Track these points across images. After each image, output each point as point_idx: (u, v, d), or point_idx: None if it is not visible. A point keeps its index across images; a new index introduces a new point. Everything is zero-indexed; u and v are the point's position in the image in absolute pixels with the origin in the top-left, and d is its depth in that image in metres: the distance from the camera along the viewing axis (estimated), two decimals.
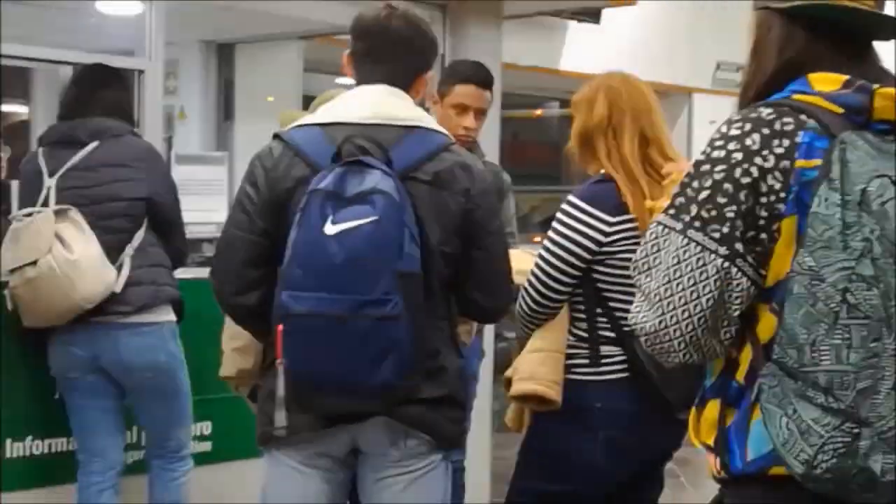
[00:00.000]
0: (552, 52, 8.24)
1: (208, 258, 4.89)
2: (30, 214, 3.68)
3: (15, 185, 4.00)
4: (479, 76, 3.93)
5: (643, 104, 2.96)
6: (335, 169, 2.41)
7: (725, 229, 1.76)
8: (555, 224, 2.91)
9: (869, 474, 1.59)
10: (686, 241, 1.78)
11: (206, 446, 4.35)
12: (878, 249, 1.60)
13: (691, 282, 1.77)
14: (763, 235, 1.77)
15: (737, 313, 1.79)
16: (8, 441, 3.89)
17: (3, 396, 3.87)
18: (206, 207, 4.46)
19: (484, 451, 5.19)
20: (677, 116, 9.79)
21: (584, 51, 8.53)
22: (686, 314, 1.78)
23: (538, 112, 10.19)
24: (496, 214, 2.70)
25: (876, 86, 1.76)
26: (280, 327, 2.40)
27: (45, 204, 3.69)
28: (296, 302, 2.37)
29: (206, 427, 4.35)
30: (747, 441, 1.77)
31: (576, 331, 2.92)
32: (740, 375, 1.81)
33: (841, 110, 1.76)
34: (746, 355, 1.81)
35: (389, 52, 2.62)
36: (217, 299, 2.69)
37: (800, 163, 1.75)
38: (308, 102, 5.69)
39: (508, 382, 2.97)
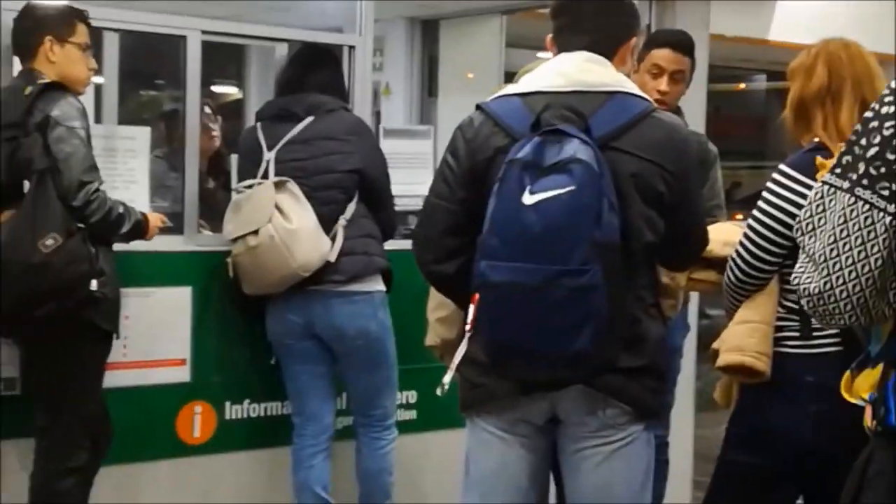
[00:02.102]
0: (760, 24, 8.02)
1: (411, 231, 5.00)
2: (250, 186, 3.84)
3: (234, 158, 4.17)
4: (676, 39, 3.86)
5: (865, 71, 2.84)
6: (534, 138, 2.40)
7: (895, 186, 1.69)
8: (764, 193, 2.84)
9: None
10: (853, 199, 1.72)
11: (412, 415, 4.46)
12: None
13: (859, 241, 1.71)
14: None
15: None
16: (227, 404, 4.09)
17: (223, 361, 4.07)
18: (412, 181, 4.53)
19: (687, 429, 5.13)
20: None
21: (794, 21, 8.27)
22: (854, 275, 1.72)
23: (741, 85, 9.94)
24: (696, 182, 2.65)
25: None
26: (477, 295, 2.42)
27: (265, 176, 3.84)
28: (493, 271, 2.38)
29: (411, 396, 4.45)
30: None
31: (786, 302, 2.85)
32: (883, 336, 1.73)
33: None
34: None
35: (589, 22, 2.60)
36: (418, 266, 2.72)
37: None
38: (509, 78, 5.73)
39: (715, 354, 2.93)
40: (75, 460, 3.49)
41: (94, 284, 3.36)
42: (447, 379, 2.54)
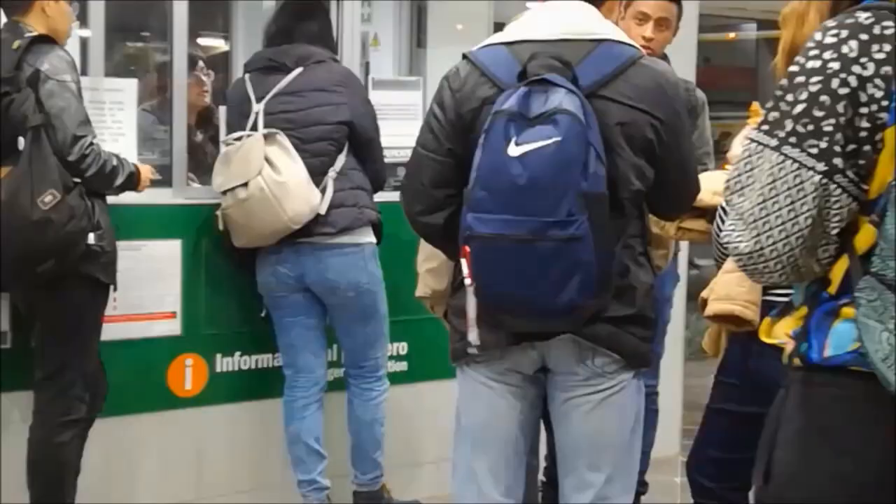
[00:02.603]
0: None
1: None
2: (239, 138, 3.82)
3: (222, 111, 4.15)
4: None
5: None
6: (520, 89, 2.38)
7: (823, 144, 1.67)
8: None
9: None
10: (781, 157, 1.70)
11: (403, 366, 4.48)
12: None
13: (788, 200, 1.70)
14: (866, 147, 1.67)
15: (835, 231, 1.71)
16: (218, 356, 4.11)
17: (214, 314, 4.08)
18: (401, 132, 4.51)
19: (676, 378, 5.16)
20: None
21: None
22: (783, 234, 1.71)
23: (732, 35, 9.89)
24: (685, 128, 2.64)
25: None
26: (466, 248, 2.42)
27: (254, 128, 3.83)
28: (481, 224, 2.38)
29: (402, 347, 4.47)
30: (827, 338, 1.70)
31: None
32: (832, 288, 1.72)
33: None
34: (841, 266, 1.72)
35: None
36: (406, 218, 2.72)
37: None
38: (499, 29, 5.69)
39: (704, 303, 2.94)
40: (75, 413, 3.52)
41: (91, 238, 3.38)
42: (472, 336, 2.52)
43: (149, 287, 3.92)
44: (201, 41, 6.64)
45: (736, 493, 2.93)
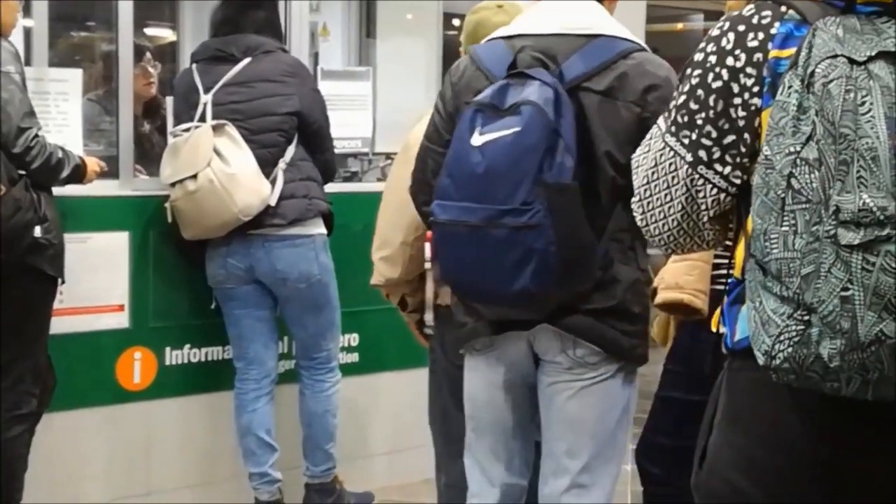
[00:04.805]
0: None
1: (354, 173, 4.98)
2: (188, 129, 3.78)
3: (169, 101, 4.11)
4: None
5: None
6: (499, 81, 2.43)
7: (693, 136, 1.74)
8: None
9: (823, 362, 1.53)
10: (663, 144, 1.79)
11: (354, 357, 4.47)
12: (820, 130, 1.52)
13: (665, 185, 1.79)
14: (745, 135, 1.72)
15: (706, 218, 1.78)
16: (167, 349, 4.07)
17: (163, 307, 4.05)
18: (351, 122, 4.51)
19: None
20: None
21: None
22: (662, 215, 1.80)
23: (680, 26, 9.97)
24: None
25: None
26: (428, 234, 2.47)
27: (202, 119, 3.79)
28: (442, 210, 2.43)
29: (353, 339, 4.46)
30: (736, 323, 1.74)
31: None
32: (737, 272, 1.78)
33: None
34: (740, 250, 1.78)
35: None
36: (415, 208, 2.77)
37: (773, 53, 1.68)
38: (448, 20, 5.70)
39: (654, 292, 2.96)
40: (25, 407, 3.47)
41: (38, 231, 3.33)
42: (428, 318, 2.59)
43: (96, 280, 3.88)
44: (148, 31, 6.58)
45: (687, 481, 2.96)
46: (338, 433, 4.11)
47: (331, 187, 4.06)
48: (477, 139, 2.37)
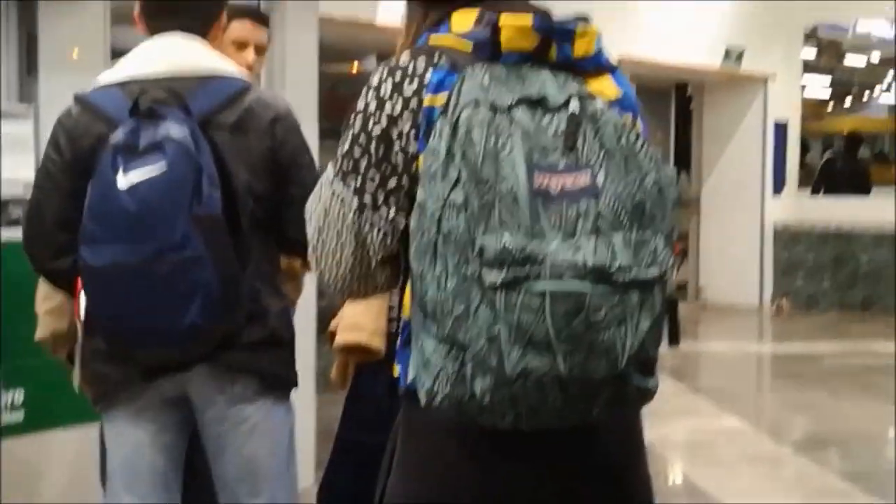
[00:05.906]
0: (369, 6, 8.18)
1: (16, 220, 4.68)
2: None
3: None
4: (254, 11, 3.83)
5: None
6: (129, 122, 2.43)
7: (358, 182, 1.78)
8: None
9: (476, 399, 1.59)
10: (331, 192, 1.81)
11: (19, 416, 4.19)
12: (465, 174, 1.59)
13: (335, 231, 1.80)
14: (404, 180, 1.78)
15: (374, 263, 1.81)
16: None
17: None
18: (12, 165, 4.26)
19: (309, 410, 5.18)
20: None
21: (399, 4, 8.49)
22: (335, 261, 1.82)
23: (354, 67, 10.14)
24: (305, 149, 2.69)
25: (502, 16, 1.74)
26: (79, 283, 2.43)
27: None
28: (94, 255, 2.39)
29: (18, 395, 4.20)
30: (408, 365, 1.78)
31: None
32: (405, 311, 1.82)
33: (470, 47, 1.75)
34: (408, 293, 1.81)
35: (181, 1, 2.63)
36: (34, 267, 2.67)
37: (428, 100, 1.75)
38: (117, 56, 5.50)
39: (332, 335, 2.94)
40: None
41: None
42: (76, 377, 2.53)
43: None
44: None
45: None
46: (3, 494, 3.84)
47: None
48: (122, 180, 2.36)
